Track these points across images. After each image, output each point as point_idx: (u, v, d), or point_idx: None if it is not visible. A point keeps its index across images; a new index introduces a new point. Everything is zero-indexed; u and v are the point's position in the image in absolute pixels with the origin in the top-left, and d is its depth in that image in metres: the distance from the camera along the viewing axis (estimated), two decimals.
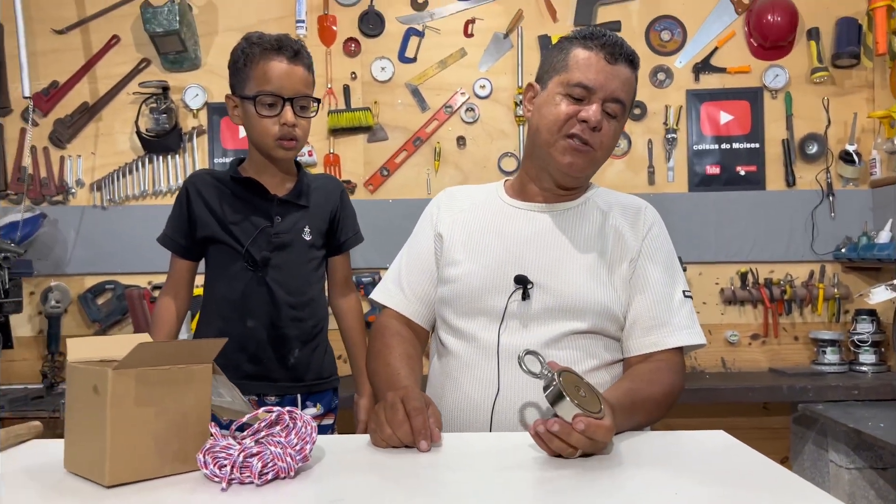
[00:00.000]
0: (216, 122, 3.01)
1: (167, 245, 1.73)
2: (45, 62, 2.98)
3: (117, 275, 2.97)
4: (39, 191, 2.97)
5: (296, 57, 1.60)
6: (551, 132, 1.36)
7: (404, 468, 0.99)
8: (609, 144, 1.38)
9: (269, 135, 1.60)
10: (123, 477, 0.90)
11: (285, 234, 1.66)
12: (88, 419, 0.93)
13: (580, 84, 1.33)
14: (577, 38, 1.37)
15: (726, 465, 1.02)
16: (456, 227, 1.46)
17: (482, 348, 1.33)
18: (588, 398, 1.03)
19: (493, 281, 1.35)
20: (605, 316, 1.32)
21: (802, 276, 2.95)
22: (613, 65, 1.34)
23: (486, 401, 1.29)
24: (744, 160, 2.98)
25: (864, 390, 2.58)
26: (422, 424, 1.06)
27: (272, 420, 0.97)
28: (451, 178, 3.00)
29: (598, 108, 1.32)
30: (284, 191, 1.69)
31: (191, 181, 1.71)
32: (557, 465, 0.99)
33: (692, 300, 1.41)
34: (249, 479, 0.90)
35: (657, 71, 3.00)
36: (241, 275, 1.65)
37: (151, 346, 0.93)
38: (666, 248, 1.41)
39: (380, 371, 1.36)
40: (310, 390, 1.69)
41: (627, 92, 1.36)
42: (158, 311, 1.74)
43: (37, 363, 2.92)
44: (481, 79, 3.01)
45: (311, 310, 1.70)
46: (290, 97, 1.59)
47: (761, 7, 2.91)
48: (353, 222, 1.82)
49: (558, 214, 1.42)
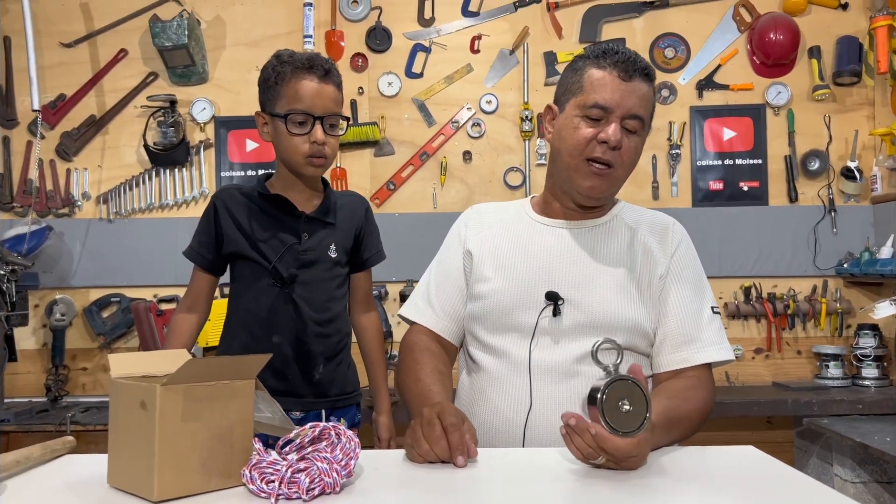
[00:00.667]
0: (223, 135, 3.02)
1: (194, 259, 1.73)
2: (52, 75, 2.98)
3: (123, 288, 2.96)
4: (46, 203, 2.96)
5: (326, 76, 1.62)
6: (572, 156, 1.37)
7: (443, 483, 1.00)
8: (630, 161, 1.39)
9: (299, 153, 1.61)
10: (171, 492, 0.91)
11: (312, 252, 1.67)
12: (135, 434, 0.93)
13: (596, 105, 1.34)
14: (591, 58, 1.39)
15: (760, 481, 1.03)
16: (485, 245, 1.47)
17: (513, 364, 1.34)
18: (627, 416, 1.02)
19: (523, 297, 1.37)
20: (636, 332, 1.34)
21: (805, 291, 2.98)
22: (629, 81, 1.35)
23: (519, 417, 1.30)
24: (747, 176, 3.02)
25: (868, 404, 2.60)
26: (459, 440, 1.07)
27: (315, 436, 0.98)
28: (456, 193, 3.02)
29: (617, 128, 1.34)
30: (311, 207, 1.70)
31: (219, 197, 1.72)
32: (593, 481, 1.01)
33: (720, 316, 1.43)
34: (297, 494, 0.90)
35: (661, 88, 3.03)
36: (268, 291, 1.65)
37: (198, 362, 0.94)
38: (694, 265, 1.43)
39: (411, 387, 1.37)
40: (334, 405, 1.69)
41: (645, 107, 1.37)
42: (176, 324, 1.73)
43: (41, 376, 2.91)
44: (487, 94, 3.04)
45: (336, 326, 1.71)
46: (321, 115, 1.60)
47: (763, 25, 2.95)
48: (377, 240, 1.83)
49: (587, 231, 1.43)
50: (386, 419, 1.79)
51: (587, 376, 1.31)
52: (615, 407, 1.02)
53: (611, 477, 1.02)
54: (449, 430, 1.08)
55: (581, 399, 1.08)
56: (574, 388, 1.31)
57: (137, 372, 1.01)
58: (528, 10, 3.05)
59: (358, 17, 3.04)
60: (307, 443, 0.97)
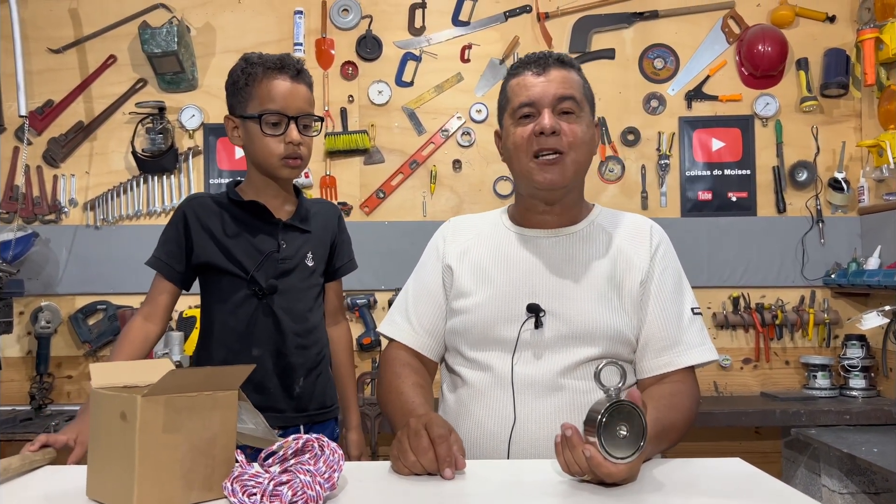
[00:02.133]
0: (212, 142, 3.01)
1: (159, 268, 1.62)
2: (40, 81, 2.97)
3: (109, 295, 2.94)
4: (32, 209, 2.94)
5: (298, 76, 1.59)
6: (521, 160, 1.38)
7: (430, 496, 0.99)
8: (578, 140, 1.36)
9: (275, 154, 1.56)
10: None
11: (290, 260, 1.62)
12: (115, 446, 0.92)
13: (522, 104, 1.37)
14: (509, 72, 1.44)
15: (747, 494, 1.03)
16: (464, 259, 1.46)
17: (496, 379, 1.33)
18: (623, 441, 1.00)
19: (504, 310, 1.36)
20: (617, 340, 1.33)
21: (793, 301, 2.99)
22: (544, 73, 1.37)
23: (503, 432, 1.29)
24: (735, 186, 3.03)
25: (856, 415, 2.61)
26: (447, 452, 1.06)
27: (298, 447, 0.97)
28: (446, 201, 3.02)
29: (549, 113, 1.35)
30: (286, 214, 1.65)
31: (189, 205, 1.63)
32: (581, 495, 1.00)
33: (702, 315, 1.42)
34: None
35: (650, 98, 3.04)
36: (246, 303, 1.59)
37: (180, 372, 0.93)
38: (673, 267, 1.42)
39: (392, 401, 1.35)
40: (313, 420, 1.64)
41: (570, 86, 1.37)
42: (129, 332, 1.59)
43: (25, 384, 2.88)
44: (477, 103, 3.04)
45: (315, 336, 1.66)
46: (295, 116, 1.56)
47: (752, 37, 2.97)
48: (349, 249, 1.79)
49: (564, 239, 1.42)
50: (356, 436, 1.75)
51: (571, 390, 1.30)
52: (613, 432, 1.00)
53: (598, 491, 1.01)
54: (436, 441, 1.07)
55: (565, 414, 1.07)
56: (558, 402, 1.30)
57: (118, 382, 0.99)
58: (519, 20, 3.06)
59: (349, 25, 3.04)
60: (290, 455, 0.96)
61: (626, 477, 1.01)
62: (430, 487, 1.03)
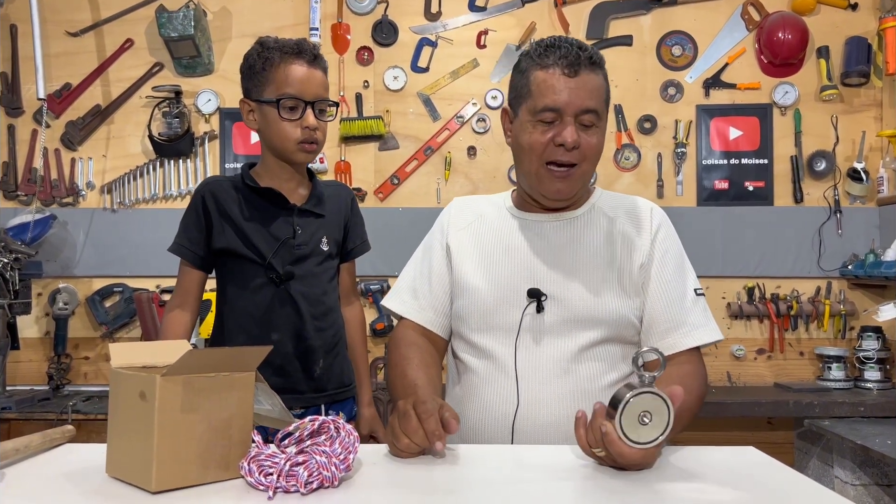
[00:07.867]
0: (228, 127, 3.01)
1: (183, 255, 1.65)
2: (58, 64, 2.98)
3: (126, 278, 2.97)
4: (50, 192, 2.96)
5: (315, 61, 1.60)
6: (532, 163, 1.35)
7: (442, 480, 1.00)
8: (593, 153, 1.35)
9: (291, 138, 1.57)
10: (169, 483, 0.90)
11: (305, 246, 1.63)
12: (134, 425, 0.93)
13: (546, 108, 1.31)
14: (534, 58, 1.35)
15: (760, 482, 1.03)
16: (466, 240, 1.45)
17: (499, 364, 1.33)
18: (644, 428, 1.01)
19: (506, 295, 1.36)
20: (621, 323, 1.33)
21: (809, 292, 2.97)
22: (575, 77, 1.30)
23: (507, 416, 1.29)
24: (752, 176, 3.01)
25: (870, 407, 2.60)
26: (434, 426, 1.05)
27: (314, 429, 0.97)
28: (461, 188, 3.02)
29: (573, 129, 1.31)
30: (300, 198, 1.66)
31: (207, 189, 1.64)
32: (592, 480, 1.00)
33: (705, 296, 1.42)
34: (295, 487, 0.90)
35: (668, 85, 3.02)
36: (265, 289, 1.60)
37: (198, 353, 0.94)
38: (675, 248, 1.41)
39: (397, 383, 1.36)
40: (332, 399, 1.67)
41: (598, 98, 1.33)
42: (169, 325, 1.64)
43: (43, 364, 2.92)
44: (493, 90, 3.03)
45: (332, 318, 1.69)
46: (312, 101, 1.58)
47: (772, 25, 2.94)
48: (362, 230, 1.80)
49: (565, 224, 1.42)
50: (367, 412, 1.77)
51: (576, 375, 1.31)
52: (635, 416, 1.00)
53: (609, 476, 1.01)
54: (423, 417, 1.06)
55: (570, 399, 1.08)
56: (562, 387, 1.30)
57: (138, 362, 1.01)
58: (536, 5, 3.04)
59: (364, 10, 3.03)
60: (306, 436, 0.97)
61: (639, 462, 1.01)
62: (443, 471, 1.03)
